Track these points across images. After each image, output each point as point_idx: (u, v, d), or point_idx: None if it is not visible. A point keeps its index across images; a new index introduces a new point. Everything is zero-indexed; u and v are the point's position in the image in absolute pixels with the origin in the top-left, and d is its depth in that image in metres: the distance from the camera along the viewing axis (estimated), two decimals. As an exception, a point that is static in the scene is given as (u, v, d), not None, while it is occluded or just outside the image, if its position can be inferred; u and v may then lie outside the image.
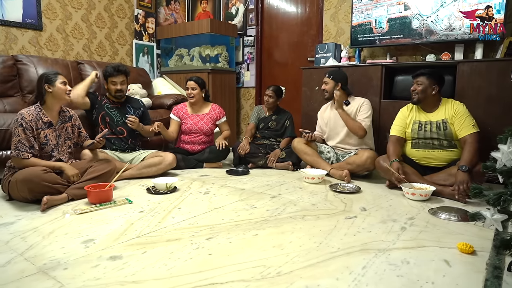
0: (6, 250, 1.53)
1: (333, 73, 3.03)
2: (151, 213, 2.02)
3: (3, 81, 3.16)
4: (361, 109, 2.96)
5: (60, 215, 1.97)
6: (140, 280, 1.29)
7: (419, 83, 2.54)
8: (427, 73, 2.53)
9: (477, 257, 1.49)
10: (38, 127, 2.24)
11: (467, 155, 2.32)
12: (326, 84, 3.04)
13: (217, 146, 3.23)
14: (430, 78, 2.51)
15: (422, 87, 2.52)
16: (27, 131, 2.17)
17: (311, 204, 2.22)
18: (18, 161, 2.17)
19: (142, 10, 4.81)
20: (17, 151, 2.14)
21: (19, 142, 2.14)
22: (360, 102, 2.99)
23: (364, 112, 2.94)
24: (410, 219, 1.95)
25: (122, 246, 1.57)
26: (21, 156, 2.14)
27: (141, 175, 2.86)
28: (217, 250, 1.54)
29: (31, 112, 2.24)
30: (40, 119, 2.26)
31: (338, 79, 3.00)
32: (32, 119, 2.21)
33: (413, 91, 2.56)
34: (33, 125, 2.21)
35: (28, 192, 2.07)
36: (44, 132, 2.27)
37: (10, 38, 3.61)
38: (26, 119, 2.18)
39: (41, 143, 2.26)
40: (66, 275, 1.32)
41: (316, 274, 1.34)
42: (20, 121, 2.17)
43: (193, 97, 3.33)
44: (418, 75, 2.56)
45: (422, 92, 2.52)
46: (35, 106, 2.29)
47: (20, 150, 2.14)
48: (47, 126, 2.30)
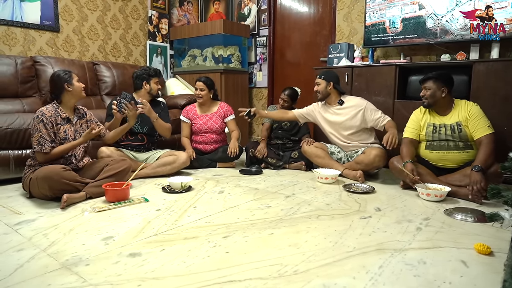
0: (29, 246, 1.57)
1: (323, 74, 3.06)
2: (168, 212, 2.05)
3: (22, 82, 3.24)
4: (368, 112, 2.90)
5: (79, 212, 2.02)
6: (160, 277, 1.32)
7: (426, 88, 2.51)
8: (433, 76, 2.50)
9: (494, 258, 1.49)
10: (58, 123, 2.33)
11: (482, 155, 2.29)
12: (318, 85, 3.05)
13: (229, 153, 3.25)
14: (437, 81, 2.48)
15: (431, 92, 2.49)
16: (48, 126, 2.26)
17: (325, 204, 2.23)
18: (41, 155, 2.25)
19: (155, 11, 4.87)
20: (40, 146, 2.22)
21: (41, 138, 2.23)
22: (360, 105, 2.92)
23: (374, 113, 2.90)
24: (425, 220, 1.94)
25: (141, 244, 1.61)
26: (44, 151, 2.22)
27: (156, 173, 2.90)
28: (233, 248, 1.56)
29: (50, 109, 2.34)
30: (59, 115, 2.36)
31: (329, 78, 3.01)
32: (52, 115, 2.31)
33: (422, 96, 2.55)
34: (53, 120, 2.30)
35: (48, 189, 2.13)
36: (63, 128, 2.36)
37: (29, 39, 3.70)
38: (46, 115, 2.28)
39: (61, 138, 2.34)
40: (88, 271, 1.36)
41: (333, 273, 1.35)
42: (41, 117, 2.26)
43: (201, 98, 3.36)
44: (424, 80, 2.54)
45: (431, 96, 2.50)
46: (52, 104, 2.39)
47: (43, 145, 2.22)
48: (66, 121, 2.39)
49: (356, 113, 2.93)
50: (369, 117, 2.91)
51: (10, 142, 2.63)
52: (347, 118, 2.96)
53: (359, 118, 2.92)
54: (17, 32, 3.61)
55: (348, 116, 2.96)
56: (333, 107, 3.06)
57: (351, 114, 2.94)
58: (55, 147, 2.28)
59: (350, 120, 2.95)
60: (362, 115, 2.92)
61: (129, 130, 2.92)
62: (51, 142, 2.26)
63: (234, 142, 3.32)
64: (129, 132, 2.94)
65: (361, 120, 2.93)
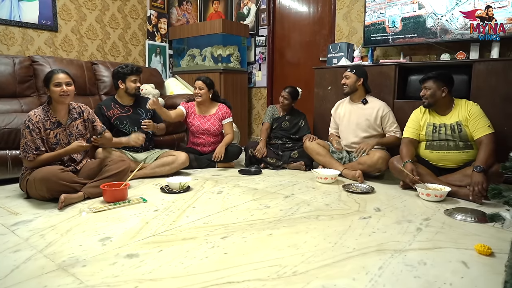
0: (26, 247, 1.56)
1: (355, 68, 3.02)
2: (166, 212, 2.04)
3: (20, 82, 3.22)
4: (386, 119, 2.92)
5: (77, 213, 2.01)
6: (157, 278, 1.30)
7: (427, 87, 2.50)
8: (433, 76, 2.49)
9: (495, 259, 1.47)
10: (47, 128, 2.26)
11: (483, 155, 2.28)
12: (347, 78, 3.00)
13: (213, 157, 3.20)
14: (437, 81, 2.47)
15: (431, 92, 2.48)
16: (34, 132, 2.19)
17: (325, 204, 2.21)
18: (26, 162, 2.23)
19: (154, 10, 4.86)
20: (24, 152, 2.18)
21: (25, 144, 2.18)
22: (380, 109, 2.94)
23: (390, 122, 2.92)
24: (425, 220, 1.93)
25: (139, 244, 1.59)
26: (27, 158, 2.18)
27: (155, 174, 2.88)
28: (232, 249, 1.55)
29: (39, 113, 2.26)
30: (49, 119, 2.28)
31: (360, 74, 2.99)
32: (40, 120, 2.23)
33: (422, 96, 2.53)
34: (40, 126, 2.22)
35: (46, 190, 2.11)
36: (53, 132, 2.28)
37: (27, 39, 3.68)
38: (33, 121, 2.20)
39: (52, 143, 2.28)
40: (85, 272, 1.34)
41: (332, 274, 1.34)
42: (28, 123, 2.19)
43: (200, 97, 3.31)
44: (425, 80, 2.52)
45: (431, 96, 2.48)
46: (43, 107, 2.30)
47: (27, 152, 2.17)
48: (56, 126, 2.30)
49: (376, 117, 2.94)
50: (384, 124, 2.94)
51: (8, 142, 2.61)
52: (367, 119, 2.96)
53: (378, 122, 2.94)
54: (15, 31, 3.59)
55: (368, 117, 2.96)
56: (355, 104, 3.05)
57: (372, 116, 2.94)
58: (40, 154, 2.20)
59: (369, 121, 2.95)
60: (380, 120, 2.94)
61: (122, 132, 2.92)
62: (36, 150, 2.18)
63: (221, 146, 3.25)
64: (122, 134, 2.93)
65: (378, 124, 2.95)
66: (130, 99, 3.00)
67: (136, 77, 2.94)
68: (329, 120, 3.33)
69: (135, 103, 3.03)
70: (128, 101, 3.00)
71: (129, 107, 2.99)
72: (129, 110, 2.99)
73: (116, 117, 2.93)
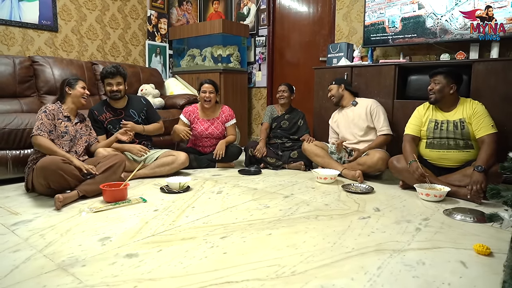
0: (26, 247, 1.56)
1: (334, 80, 3.26)
2: (165, 212, 2.04)
3: (20, 82, 3.23)
4: (374, 116, 2.97)
5: (77, 213, 2.01)
6: (157, 278, 1.31)
7: (436, 81, 2.49)
8: (444, 71, 2.48)
9: (494, 259, 1.47)
10: (59, 118, 2.46)
11: (484, 155, 2.27)
12: (330, 90, 3.24)
13: (214, 155, 3.21)
14: (448, 77, 2.46)
15: (440, 86, 2.47)
16: (49, 116, 2.38)
17: (324, 204, 2.22)
18: (35, 138, 2.28)
19: (154, 11, 4.86)
20: (39, 130, 2.30)
21: (41, 124, 2.33)
22: (368, 105, 3.02)
23: (378, 118, 2.97)
24: (424, 220, 1.93)
25: (138, 244, 1.60)
26: (39, 134, 2.29)
27: (154, 174, 2.89)
28: (231, 249, 1.55)
29: (53, 105, 2.49)
30: (61, 112, 2.49)
31: (339, 82, 3.20)
32: (54, 110, 2.45)
33: (430, 90, 2.51)
34: (54, 113, 2.43)
35: (43, 178, 2.15)
36: (64, 123, 2.48)
37: (27, 39, 3.69)
38: (49, 108, 2.42)
39: (61, 131, 2.45)
40: (84, 271, 1.34)
41: (331, 274, 1.34)
42: (44, 109, 2.41)
43: (210, 101, 3.29)
44: (435, 74, 2.51)
45: (439, 91, 2.47)
46: (56, 103, 2.54)
47: (41, 130, 2.31)
48: (66, 119, 2.50)
49: (366, 113, 3.02)
50: (373, 119, 3.00)
51: (8, 142, 2.62)
52: (360, 117, 3.03)
53: (369, 117, 3.01)
54: (16, 31, 3.60)
55: (360, 115, 3.04)
56: (347, 108, 3.16)
57: (363, 113, 3.03)
58: (51, 137, 2.36)
59: (362, 119, 3.02)
60: (370, 116, 3.01)
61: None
62: (49, 132, 2.35)
63: (222, 143, 3.26)
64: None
65: (370, 120, 3.01)
66: (122, 101, 2.97)
67: (111, 79, 2.85)
68: (328, 120, 3.34)
69: (127, 105, 3.00)
70: (121, 103, 2.98)
71: (122, 110, 2.97)
72: (122, 113, 2.97)
73: (109, 121, 2.92)
